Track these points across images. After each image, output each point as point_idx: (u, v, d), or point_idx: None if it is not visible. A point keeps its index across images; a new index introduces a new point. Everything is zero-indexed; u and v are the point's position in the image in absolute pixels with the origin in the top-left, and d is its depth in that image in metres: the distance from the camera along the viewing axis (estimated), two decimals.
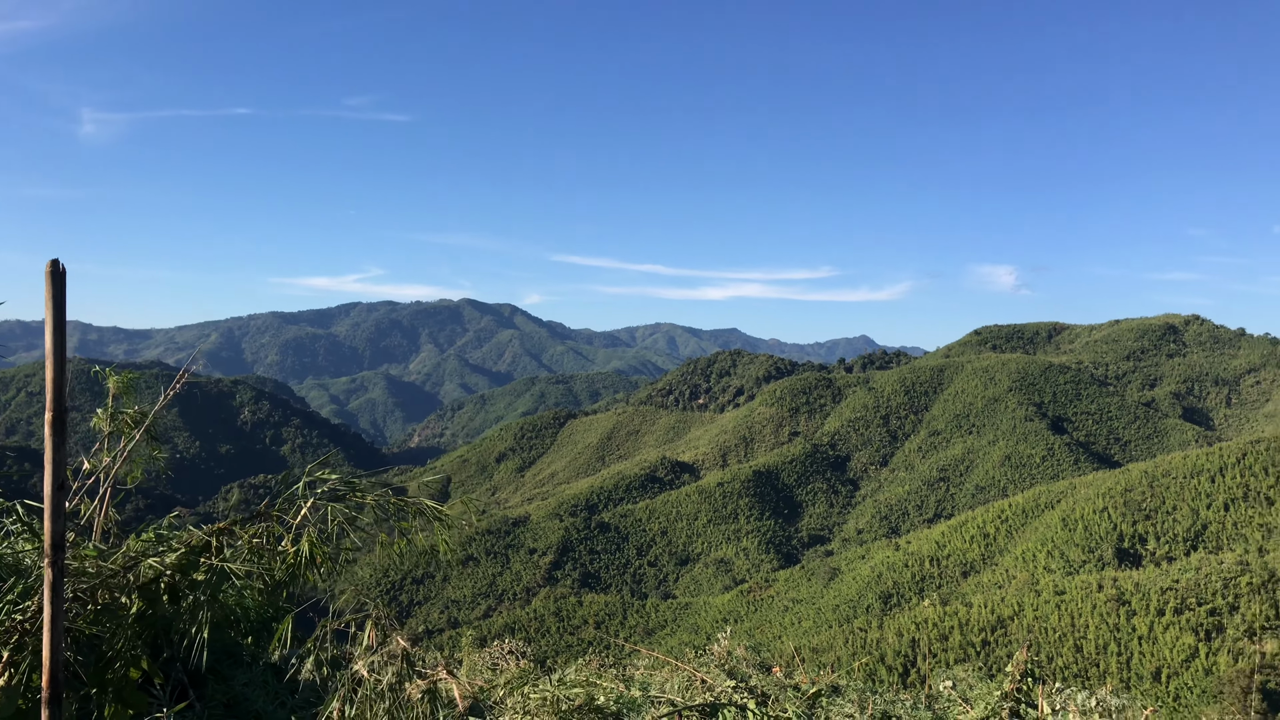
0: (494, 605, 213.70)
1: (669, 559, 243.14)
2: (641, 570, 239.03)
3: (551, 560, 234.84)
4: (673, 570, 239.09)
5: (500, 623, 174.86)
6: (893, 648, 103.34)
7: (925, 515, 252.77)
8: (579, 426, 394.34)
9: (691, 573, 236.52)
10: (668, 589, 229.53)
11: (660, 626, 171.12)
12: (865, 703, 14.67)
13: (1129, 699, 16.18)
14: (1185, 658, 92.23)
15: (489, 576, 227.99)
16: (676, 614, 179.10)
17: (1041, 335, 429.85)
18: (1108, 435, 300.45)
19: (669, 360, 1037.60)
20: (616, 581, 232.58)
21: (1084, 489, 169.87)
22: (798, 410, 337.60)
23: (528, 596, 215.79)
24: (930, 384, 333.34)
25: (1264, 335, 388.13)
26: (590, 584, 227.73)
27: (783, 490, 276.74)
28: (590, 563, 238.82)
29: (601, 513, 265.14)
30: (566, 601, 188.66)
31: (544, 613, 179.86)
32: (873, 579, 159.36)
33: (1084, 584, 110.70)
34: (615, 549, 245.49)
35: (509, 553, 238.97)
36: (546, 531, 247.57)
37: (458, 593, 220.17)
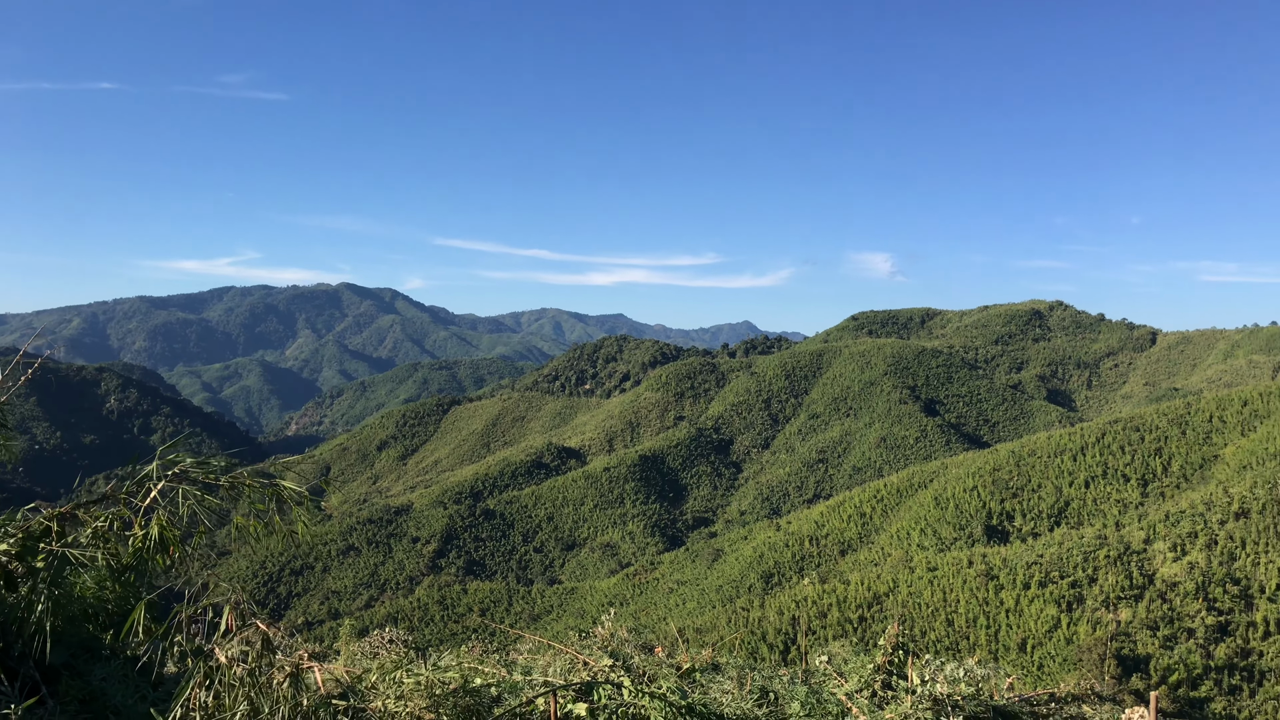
0: (376, 595, 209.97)
1: (555, 545, 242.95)
2: (527, 556, 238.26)
3: (435, 549, 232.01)
4: (559, 556, 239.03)
5: (383, 613, 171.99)
6: (774, 626, 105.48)
7: (805, 496, 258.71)
8: (463, 413, 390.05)
9: (578, 558, 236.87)
10: (554, 574, 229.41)
11: (546, 612, 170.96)
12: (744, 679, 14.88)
13: (994, 669, 16.83)
14: (1048, 628, 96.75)
15: (371, 566, 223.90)
16: (562, 599, 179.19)
17: (915, 320, 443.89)
18: (977, 417, 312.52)
19: (555, 346, 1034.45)
20: (502, 568, 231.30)
21: (955, 469, 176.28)
22: (683, 395, 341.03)
23: (411, 585, 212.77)
24: (810, 368, 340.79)
25: (1122, 320, 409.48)
26: (475, 571, 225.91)
27: (668, 474, 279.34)
28: (475, 550, 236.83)
29: (486, 500, 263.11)
30: (451, 590, 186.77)
31: (428, 601, 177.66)
32: (755, 559, 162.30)
33: (955, 560, 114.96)
34: (501, 536, 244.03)
35: (391, 542, 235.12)
36: (430, 520, 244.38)
37: (338, 583, 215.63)
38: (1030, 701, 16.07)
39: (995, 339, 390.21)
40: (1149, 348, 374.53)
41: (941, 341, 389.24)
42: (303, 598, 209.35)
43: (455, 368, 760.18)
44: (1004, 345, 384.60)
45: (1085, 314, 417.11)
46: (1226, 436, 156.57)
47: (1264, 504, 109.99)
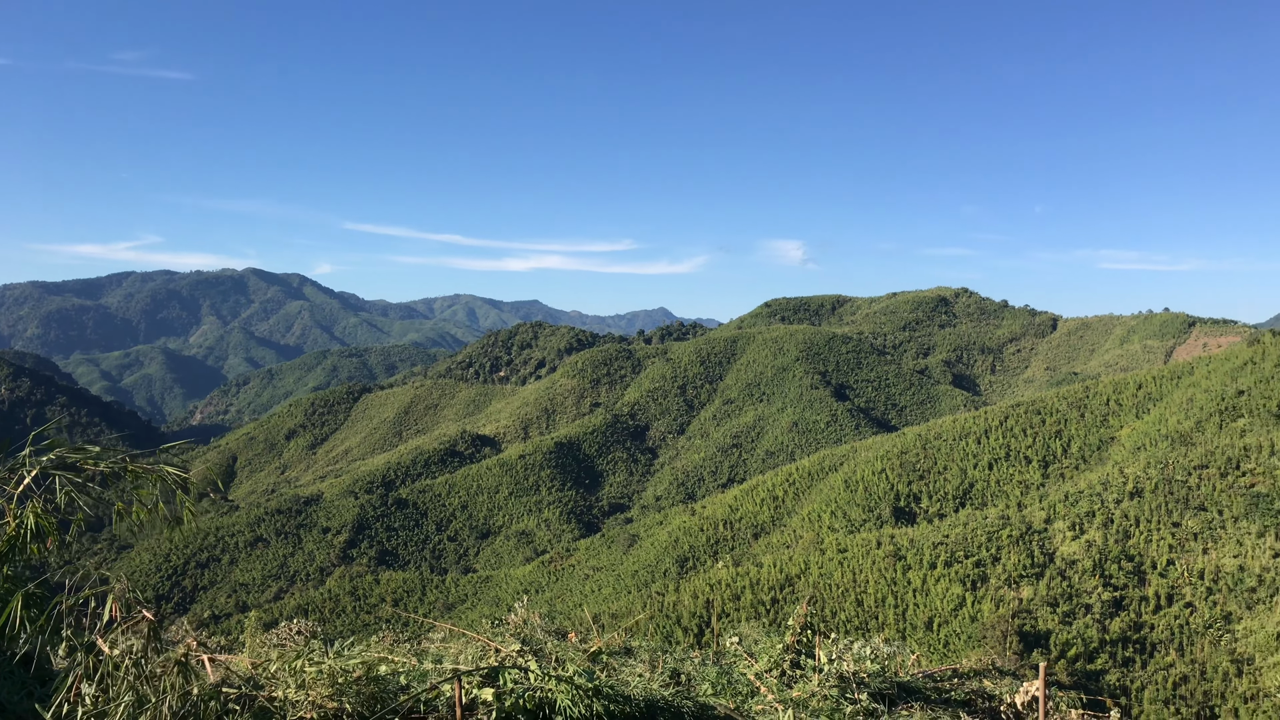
0: (286, 587, 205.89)
1: (469, 533, 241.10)
2: (441, 545, 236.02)
3: (347, 539, 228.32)
4: (474, 544, 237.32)
5: (293, 604, 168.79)
6: (689, 609, 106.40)
7: (720, 480, 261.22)
8: (374, 401, 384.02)
9: (493, 546, 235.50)
10: (468, 563, 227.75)
11: (461, 601, 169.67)
12: (656, 662, 14.93)
13: (899, 646, 17.18)
14: (954, 607, 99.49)
15: (280, 558, 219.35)
16: (477, 587, 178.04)
17: (826, 307, 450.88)
18: (886, 401, 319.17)
19: (469, 332, 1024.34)
20: (415, 558, 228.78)
21: (864, 452, 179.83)
22: (599, 381, 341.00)
23: (322, 577, 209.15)
24: (724, 354, 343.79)
25: (1024, 307, 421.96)
26: (388, 561, 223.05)
27: (584, 461, 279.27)
28: (388, 540, 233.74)
29: (399, 489, 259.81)
30: (363, 580, 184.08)
31: (339, 592, 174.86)
32: (670, 544, 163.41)
33: (864, 541, 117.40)
34: (414, 525, 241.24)
35: (301, 533, 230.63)
36: (341, 509, 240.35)
37: (246, 575, 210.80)
38: (934, 677, 16.43)
39: (903, 325, 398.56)
40: (1050, 333, 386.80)
41: (852, 328, 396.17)
42: (209, 591, 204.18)
43: (366, 355, 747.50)
44: (912, 331, 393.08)
45: (990, 301, 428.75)
46: (1122, 419, 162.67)
47: (1156, 483, 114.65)
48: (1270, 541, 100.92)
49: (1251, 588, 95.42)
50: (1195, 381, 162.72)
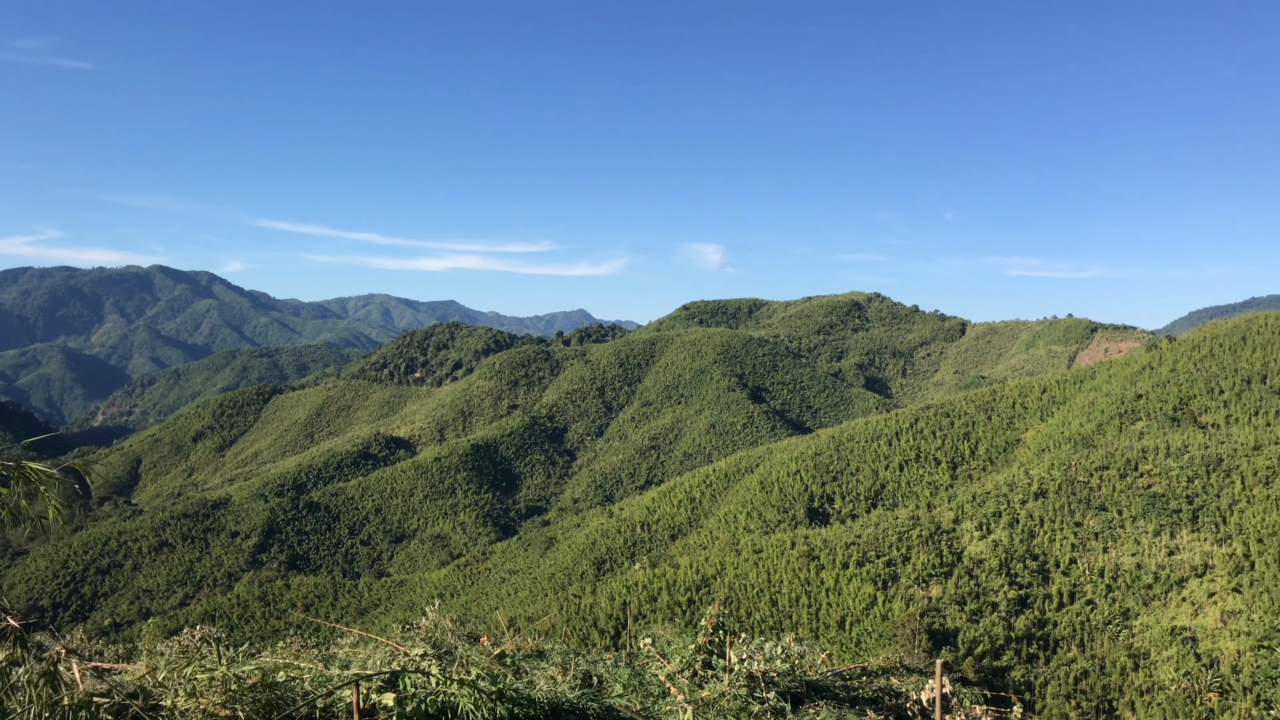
0: (192, 593, 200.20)
1: (383, 537, 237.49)
2: (354, 549, 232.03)
3: (256, 543, 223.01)
4: (387, 548, 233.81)
5: (199, 610, 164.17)
6: (605, 611, 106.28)
7: (638, 482, 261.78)
8: (286, 402, 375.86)
9: (407, 550, 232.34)
10: (382, 567, 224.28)
11: (374, 605, 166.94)
12: (568, 664, 14.80)
13: (810, 646, 17.32)
14: (865, 606, 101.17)
15: (186, 563, 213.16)
16: (391, 592, 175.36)
17: (744, 310, 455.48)
18: (801, 404, 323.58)
19: (384, 333, 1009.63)
20: (327, 562, 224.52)
21: (780, 454, 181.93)
22: (516, 383, 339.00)
23: (230, 582, 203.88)
24: (643, 356, 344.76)
25: (934, 312, 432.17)
26: (299, 566, 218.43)
27: (501, 463, 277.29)
28: (299, 544, 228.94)
29: (311, 492, 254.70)
30: (273, 585, 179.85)
31: (248, 598, 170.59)
32: (587, 546, 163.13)
33: (779, 542, 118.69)
34: (326, 529, 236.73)
35: (208, 537, 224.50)
36: (250, 513, 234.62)
37: (150, 582, 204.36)
38: (843, 675, 16.60)
39: (818, 329, 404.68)
40: (959, 338, 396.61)
41: (768, 331, 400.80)
42: (110, 598, 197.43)
43: (277, 355, 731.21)
44: (826, 335, 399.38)
45: (901, 305, 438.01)
46: (1027, 422, 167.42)
47: (1059, 484, 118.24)
48: (1166, 540, 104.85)
49: (1148, 585, 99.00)
50: (1097, 385, 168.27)
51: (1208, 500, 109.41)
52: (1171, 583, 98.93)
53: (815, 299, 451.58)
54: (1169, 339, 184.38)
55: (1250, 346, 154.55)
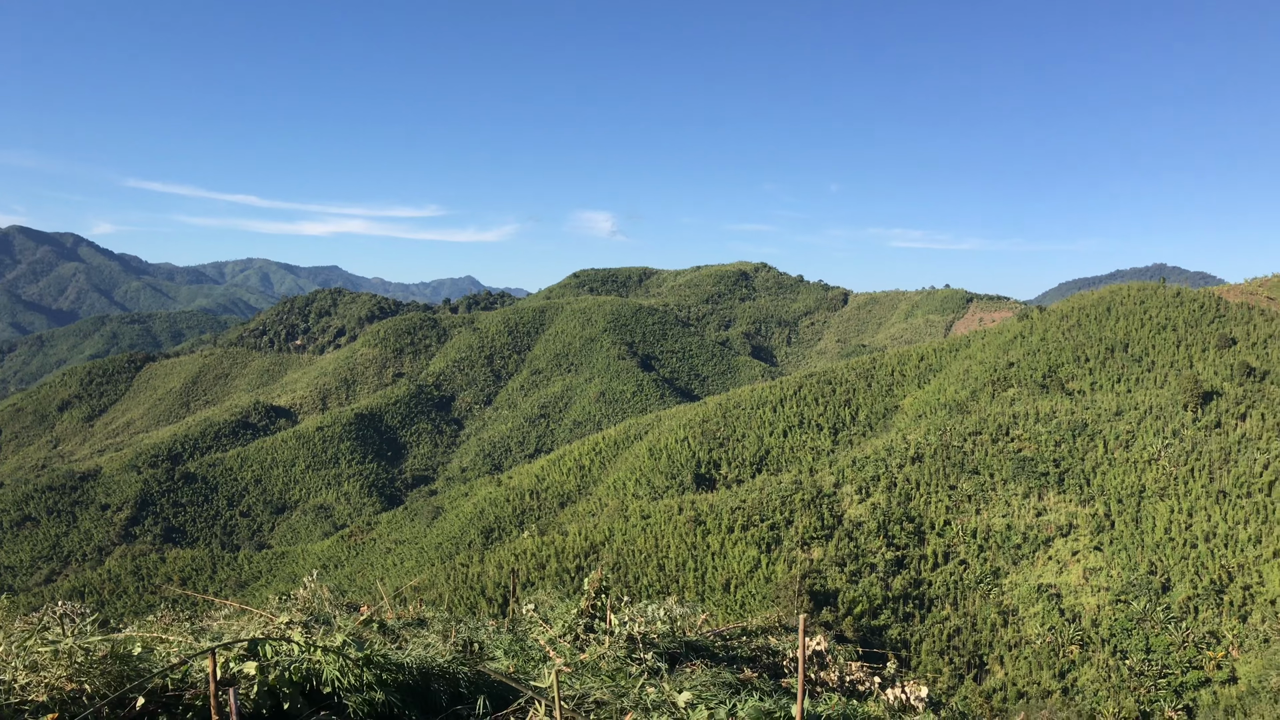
0: (59, 569, 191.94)
1: (264, 508, 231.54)
2: (233, 521, 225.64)
3: (129, 516, 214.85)
4: (268, 519, 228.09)
5: (67, 587, 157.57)
6: (493, 580, 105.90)
7: (527, 451, 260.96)
8: (159, 370, 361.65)
9: (289, 521, 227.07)
10: (263, 539, 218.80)
11: (255, 578, 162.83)
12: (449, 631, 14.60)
13: (692, 607, 17.50)
14: (750, 569, 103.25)
15: (52, 538, 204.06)
16: (272, 564, 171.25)
17: (634, 279, 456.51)
18: (689, 372, 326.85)
19: (263, 299, 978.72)
20: (205, 535, 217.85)
21: (668, 421, 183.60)
22: (402, 351, 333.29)
23: (100, 557, 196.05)
24: (533, 325, 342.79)
25: (818, 282, 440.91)
26: (175, 539, 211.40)
27: (386, 432, 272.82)
28: (174, 516, 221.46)
29: (187, 463, 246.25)
30: (147, 559, 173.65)
31: (120, 573, 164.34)
32: (475, 515, 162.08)
33: (667, 508, 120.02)
34: (203, 501, 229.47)
35: (76, 510, 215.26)
36: (122, 485, 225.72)
37: (12, 558, 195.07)
38: (723, 635, 16.82)
39: (706, 298, 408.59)
40: (842, 307, 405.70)
41: (658, 300, 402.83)
42: None
43: (150, 321, 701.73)
44: (714, 304, 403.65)
45: (787, 275, 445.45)
46: (906, 389, 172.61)
47: (935, 449, 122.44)
48: (1034, 502, 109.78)
49: (1017, 545, 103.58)
50: (971, 354, 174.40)
51: (1073, 463, 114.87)
52: (1039, 542, 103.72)
53: (704, 268, 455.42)
54: (1039, 309, 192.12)
55: (1114, 317, 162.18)
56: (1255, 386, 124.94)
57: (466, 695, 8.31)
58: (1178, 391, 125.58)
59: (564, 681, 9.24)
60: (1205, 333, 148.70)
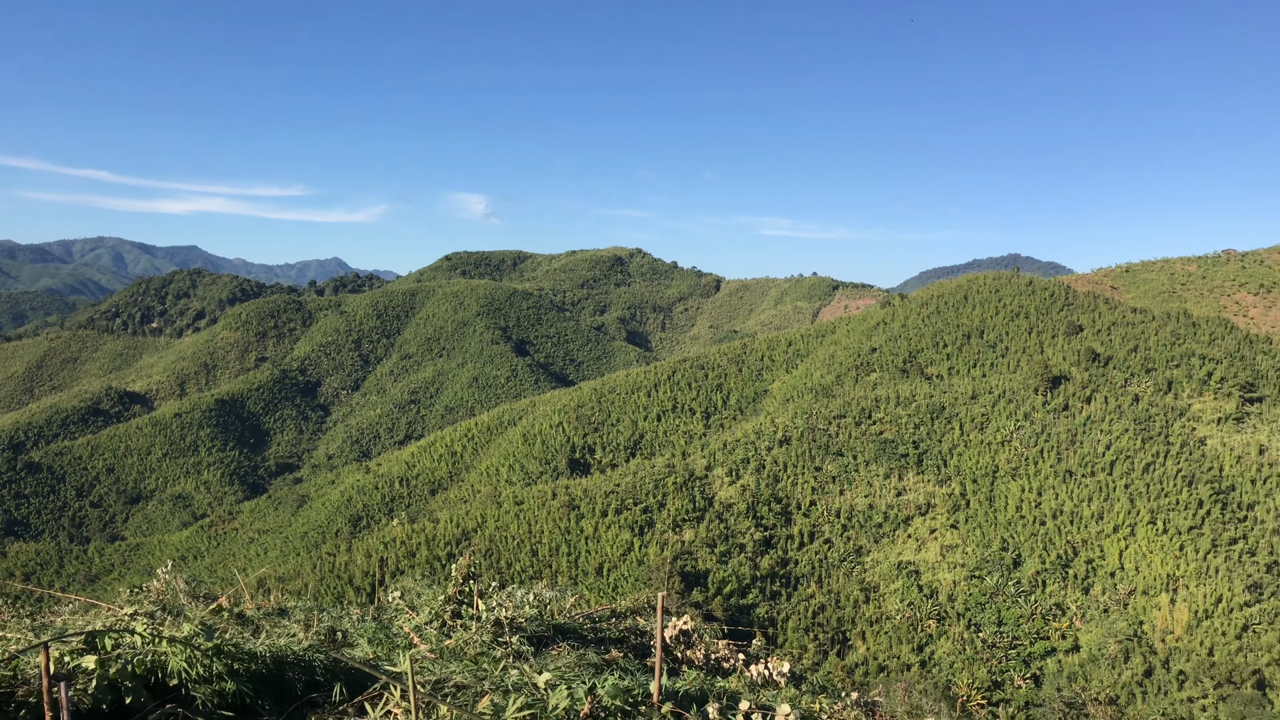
0: None
1: (117, 499, 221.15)
2: (83, 513, 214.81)
3: None
4: (122, 510, 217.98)
5: None
6: (361, 569, 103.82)
7: (397, 437, 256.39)
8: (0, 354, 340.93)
9: (144, 511, 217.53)
10: (116, 531, 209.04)
11: (106, 571, 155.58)
12: (311, 620, 14.22)
13: (562, 590, 17.51)
14: (623, 552, 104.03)
15: None
16: (126, 557, 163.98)
17: (508, 262, 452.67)
18: (564, 357, 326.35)
19: (116, 280, 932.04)
20: (52, 527, 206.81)
21: (543, 406, 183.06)
22: (265, 334, 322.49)
23: None
24: (403, 308, 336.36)
25: (692, 268, 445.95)
26: (17, 532, 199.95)
27: (249, 419, 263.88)
28: (16, 508, 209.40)
29: (30, 452, 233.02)
30: None
31: None
32: (343, 503, 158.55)
33: (540, 493, 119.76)
34: (49, 491, 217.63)
35: None
36: None
37: None
38: (592, 618, 16.90)
39: (582, 282, 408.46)
40: (714, 293, 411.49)
41: (532, 284, 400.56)
42: None
43: None
44: (590, 289, 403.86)
45: (661, 261, 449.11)
46: (774, 373, 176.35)
47: (802, 432, 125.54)
48: (894, 482, 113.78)
49: (878, 524, 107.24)
50: (837, 339, 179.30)
51: (931, 445, 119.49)
52: (899, 521, 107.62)
53: (580, 253, 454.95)
54: (901, 297, 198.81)
55: (971, 304, 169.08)
56: (1099, 371, 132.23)
57: (323, 683, 8.12)
58: (1029, 376, 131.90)
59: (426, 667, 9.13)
60: (1055, 320, 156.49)
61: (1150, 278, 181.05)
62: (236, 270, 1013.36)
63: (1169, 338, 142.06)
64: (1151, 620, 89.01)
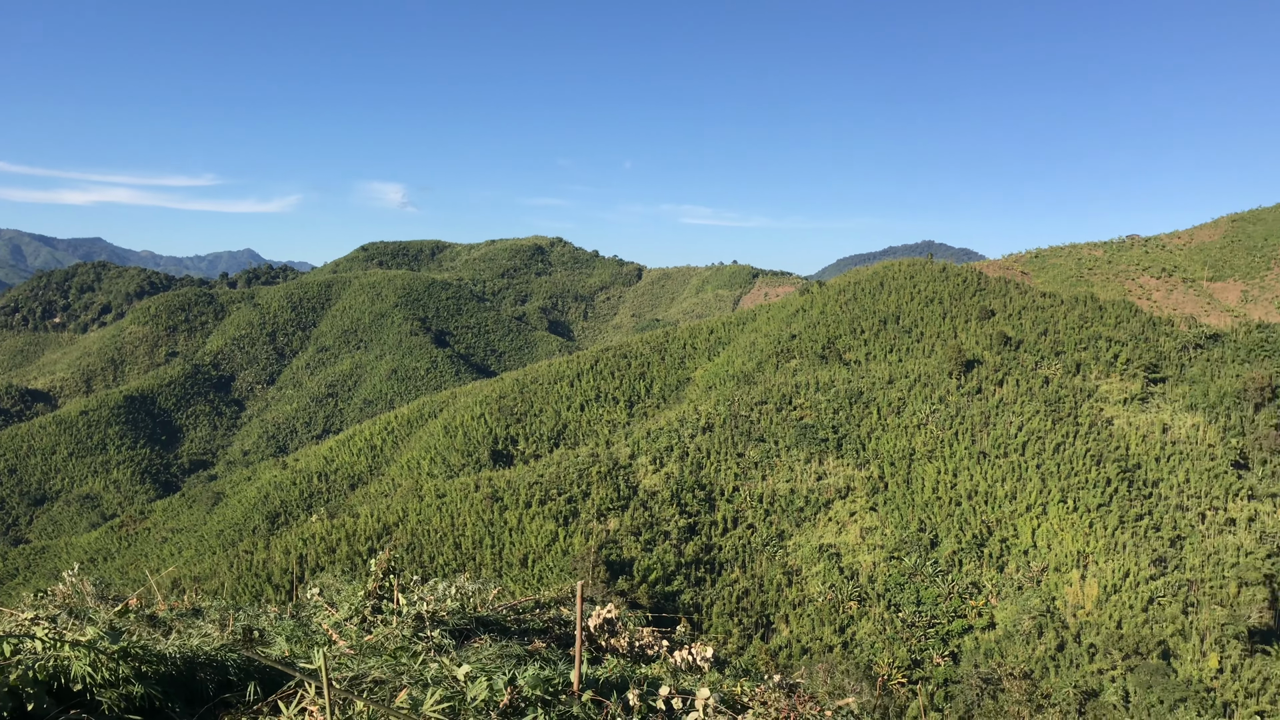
0: None
1: (20, 500, 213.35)
2: None
3: None
4: (25, 512, 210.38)
5: None
6: (280, 566, 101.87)
7: (314, 432, 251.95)
8: None
9: (49, 513, 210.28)
10: (19, 534, 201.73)
11: (10, 576, 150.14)
12: (226, 620, 13.90)
13: (484, 582, 17.39)
14: (548, 542, 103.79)
15: None
16: (30, 560, 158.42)
17: (426, 253, 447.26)
18: (485, 347, 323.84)
19: (15, 273, 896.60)
20: None
21: (464, 398, 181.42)
22: (176, 329, 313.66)
23: None
24: (319, 300, 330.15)
25: (613, 257, 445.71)
26: None
27: (160, 415, 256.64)
28: None
29: None
30: None
31: None
32: (260, 500, 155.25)
33: (463, 485, 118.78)
34: None
35: None
36: None
37: None
38: (516, 609, 16.82)
39: (502, 272, 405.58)
40: (636, 282, 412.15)
41: (451, 274, 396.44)
42: None
43: None
44: (510, 279, 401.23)
45: (583, 250, 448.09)
46: (697, 361, 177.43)
47: (724, 419, 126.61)
48: (815, 466, 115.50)
49: (800, 508, 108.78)
50: (757, 327, 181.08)
51: (850, 429, 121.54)
52: (820, 505, 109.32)
53: (499, 242, 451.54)
54: (819, 284, 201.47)
55: (886, 290, 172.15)
56: (1011, 355, 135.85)
57: (237, 683, 7.93)
58: (943, 360, 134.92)
59: (344, 663, 8.99)
60: (968, 305, 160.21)
61: (1059, 263, 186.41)
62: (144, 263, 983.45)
63: (1077, 321, 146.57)
64: (1063, 596, 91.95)
